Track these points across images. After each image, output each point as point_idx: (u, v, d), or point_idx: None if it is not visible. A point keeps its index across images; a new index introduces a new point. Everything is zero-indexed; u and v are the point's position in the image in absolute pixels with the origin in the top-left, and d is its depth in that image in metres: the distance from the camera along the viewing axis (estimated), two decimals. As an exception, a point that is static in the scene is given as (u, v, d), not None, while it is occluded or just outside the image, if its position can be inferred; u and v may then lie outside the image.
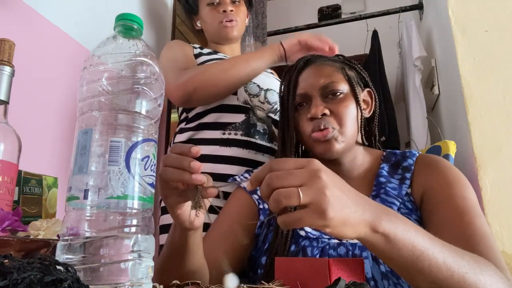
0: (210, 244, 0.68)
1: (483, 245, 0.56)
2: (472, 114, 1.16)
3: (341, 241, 0.65)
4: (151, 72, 0.42)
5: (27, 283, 0.25)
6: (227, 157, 0.96)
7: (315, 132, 0.70)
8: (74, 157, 0.39)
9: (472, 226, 0.58)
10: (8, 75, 0.56)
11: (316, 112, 0.70)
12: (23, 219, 0.57)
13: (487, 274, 0.47)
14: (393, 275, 0.59)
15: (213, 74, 0.93)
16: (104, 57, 0.41)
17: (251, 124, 1.01)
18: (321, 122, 0.70)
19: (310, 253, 0.64)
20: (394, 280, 0.59)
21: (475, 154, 1.12)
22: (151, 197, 0.41)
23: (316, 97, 0.73)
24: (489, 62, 1.19)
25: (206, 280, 0.61)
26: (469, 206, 0.61)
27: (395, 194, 0.68)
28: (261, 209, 0.73)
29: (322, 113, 0.71)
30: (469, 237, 0.57)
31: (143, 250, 0.38)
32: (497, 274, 0.49)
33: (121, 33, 0.43)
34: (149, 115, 0.41)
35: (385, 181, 0.70)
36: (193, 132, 1.02)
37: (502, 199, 1.05)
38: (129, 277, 0.36)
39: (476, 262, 0.48)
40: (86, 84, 0.41)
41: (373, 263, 0.60)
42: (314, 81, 0.74)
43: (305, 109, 0.74)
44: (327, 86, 0.72)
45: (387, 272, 0.59)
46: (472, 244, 0.55)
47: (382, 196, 0.68)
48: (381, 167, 0.73)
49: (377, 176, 0.72)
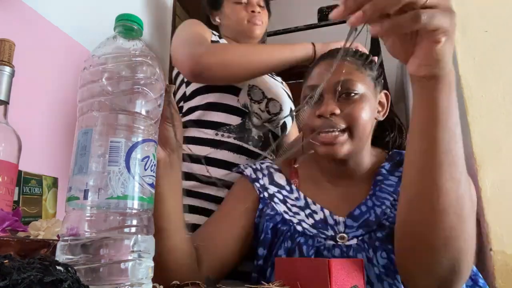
0: (211, 228, 0.69)
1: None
2: (472, 114, 1.16)
3: (336, 242, 0.65)
4: (151, 73, 0.42)
5: (27, 284, 0.25)
6: (218, 160, 0.94)
7: (323, 134, 0.67)
8: (74, 158, 0.39)
9: None
10: (8, 75, 0.56)
11: (326, 111, 0.66)
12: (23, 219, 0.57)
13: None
14: (388, 277, 0.59)
15: (232, 55, 0.90)
16: (104, 57, 0.41)
17: (246, 129, 0.98)
18: (330, 123, 0.66)
19: (306, 252, 0.64)
20: (389, 281, 0.59)
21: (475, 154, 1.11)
22: (151, 197, 0.41)
23: (329, 93, 0.68)
24: (489, 62, 1.19)
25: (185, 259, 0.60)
26: None
27: (390, 190, 0.68)
28: (261, 198, 0.74)
29: (332, 112, 0.67)
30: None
31: (143, 250, 0.38)
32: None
33: (121, 33, 0.43)
34: (149, 115, 0.41)
35: (382, 178, 0.70)
36: (185, 130, 0.99)
37: (502, 199, 1.05)
38: (129, 277, 0.36)
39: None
40: (86, 84, 0.41)
41: (368, 265, 0.61)
42: (332, 75, 0.69)
43: (316, 104, 0.70)
44: (343, 84, 0.68)
45: (382, 273, 0.59)
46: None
47: (377, 194, 0.68)
48: (381, 166, 0.73)
49: (376, 174, 0.72)
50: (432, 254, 0.51)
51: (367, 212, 0.66)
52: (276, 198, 0.73)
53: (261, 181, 0.75)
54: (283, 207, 0.71)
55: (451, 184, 0.48)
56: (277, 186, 0.75)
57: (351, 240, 0.64)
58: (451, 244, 0.50)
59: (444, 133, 0.47)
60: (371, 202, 0.67)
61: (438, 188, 0.48)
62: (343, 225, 0.66)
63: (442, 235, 0.49)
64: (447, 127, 0.47)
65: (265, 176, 0.76)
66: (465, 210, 0.50)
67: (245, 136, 0.97)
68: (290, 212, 0.71)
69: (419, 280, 0.53)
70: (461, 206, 0.49)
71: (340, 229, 0.66)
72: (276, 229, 0.69)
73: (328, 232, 0.66)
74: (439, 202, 0.49)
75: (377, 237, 0.62)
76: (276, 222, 0.70)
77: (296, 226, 0.68)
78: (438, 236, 0.49)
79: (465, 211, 0.50)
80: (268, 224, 0.70)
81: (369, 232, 0.64)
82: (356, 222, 0.66)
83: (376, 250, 0.61)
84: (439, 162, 0.48)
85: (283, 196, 0.73)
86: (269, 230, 0.69)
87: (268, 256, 0.68)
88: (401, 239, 0.55)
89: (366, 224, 0.65)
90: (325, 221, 0.68)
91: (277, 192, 0.74)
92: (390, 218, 0.64)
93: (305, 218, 0.69)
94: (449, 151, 0.48)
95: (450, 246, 0.50)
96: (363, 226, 0.65)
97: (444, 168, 0.48)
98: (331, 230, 0.66)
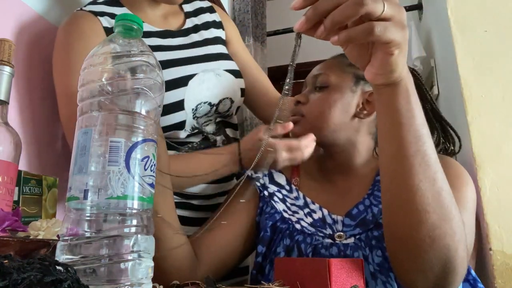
0: (212, 227, 0.69)
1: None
2: (471, 114, 1.16)
3: (334, 241, 0.65)
4: (151, 73, 0.42)
5: (27, 284, 0.25)
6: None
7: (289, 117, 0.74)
8: (74, 157, 0.39)
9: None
10: (8, 75, 0.56)
11: (297, 98, 0.75)
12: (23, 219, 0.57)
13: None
14: (382, 274, 0.60)
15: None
16: (104, 57, 0.41)
17: (211, 142, 0.87)
18: (295, 109, 0.75)
19: (304, 250, 0.65)
20: (383, 279, 0.59)
21: (474, 154, 1.11)
22: (150, 197, 0.41)
23: (308, 85, 0.77)
24: (488, 62, 1.19)
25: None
26: (458, 198, 0.61)
27: None
28: (262, 196, 0.75)
29: (297, 100, 0.75)
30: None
31: (143, 250, 0.38)
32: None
33: (121, 33, 0.43)
34: (149, 115, 0.41)
35: None
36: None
37: (501, 199, 1.05)
38: (129, 277, 0.36)
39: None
40: (86, 84, 0.41)
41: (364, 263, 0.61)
42: (313, 70, 0.78)
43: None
44: (316, 77, 0.75)
45: (376, 271, 0.60)
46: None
47: (375, 193, 0.69)
48: None
49: (377, 174, 0.72)
50: (420, 255, 0.51)
51: (364, 211, 0.67)
52: (276, 197, 0.74)
53: (261, 180, 0.76)
54: (282, 206, 0.72)
55: (425, 184, 0.49)
56: (277, 186, 0.76)
57: (349, 239, 0.65)
58: (437, 243, 0.50)
59: (409, 135, 0.49)
60: (369, 201, 0.68)
61: (412, 190, 0.49)
62: (341, 224, 0.67)
63: (426, 235, 0.50)
64: (411, 129, 0.49)
65: (265, 175, 0.77)
66: (445, 207, 0.50)
67: (211, 146, 0.86)
68: (289, 211, 0.71)
69: (415, 280, 0.53)
70: (440, 204, 0.50)
71: (338, 228, 0.67)
72: (275, 227, 0.70)
73: (326, 230, 0.67)
74: (416, 203, 0.49)
75: (374, 236, 0.63)
76: (275, 220, 0.71)
77: (295, 225, 0.69)
78: (422, 236, 0.50)
79: (446, 208, 0.50)
80: (267, 222, 0.71)
81: (366, 231, 0.64)
82: (353, 221, 0.66)
83: (372, 249, 0.62)
84: (409, 164, 0.49)
85: (282, 195, 0.74)
86: (268, 228, 0.70)
87: (267, 253, 0.69)
88: (388, 241, 0.56)
89: (363, 223, 0.65)
90: (323, 220, 0.68)
91: (276, 191, 0.75)
92: None
93: (304, 216, 0.70)
94: (417, 152, 0.49)
95: (437, 245, 0.50)
96: (360, 225, 0.65)
97: (415, 170, 0.49)
98: (329, 228, 0.67)
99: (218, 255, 0.68)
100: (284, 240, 0.68)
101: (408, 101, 0.48)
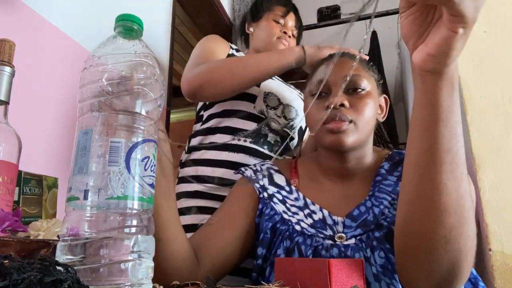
0: (212, 228, 0.69)
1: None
2: (471, 115, 1.16)
3: (334, 242, 0.65)
4: (151, 73, 0.42)
5: (27, 284, 0.25)
6: (233, 162, 0.98)
7: (331, 122, 0.69)
8: (74, 158, 0.39)
9: None
10: (8, 75, 0.56)
11: (335, 101, 0.68)
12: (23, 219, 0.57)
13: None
14: (386, 276, 0.59)
15: (219, 73, 0.94)
16: (104, 57, 0.41)
17: (262, 134, 1.03)
18: (338, 113, 0.68)
19: (304, 252, 0.65)
20: (386, 281, 0.59)
21: (474, 154, 1.12)
22: (151, 198, 0.41)
23: (337, 86, 0.71)
24: (488, 63, 1.19)
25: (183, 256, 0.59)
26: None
27: (389, 190, 0.68)
28: (261, 198, 0.74)
29: (341, 103, 0.69)
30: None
31: (143, 250, 0.38)
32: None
33: (121, 33, 0.43)
34: (149, 115, 0.41)
35: (381, 179, 0.71)
36: (204, 137, 1.05)
37: (501, 200, 1.05)
38: (129, 277, 0.36)
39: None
40: (86, 84, 0.41)
41: (366, 264, 0.61)
42: (339, 71, 0.72)
43: (322, 98, 0.73)
44: (352, 78, 0.71)
45: (379, 273, 0.60)
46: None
47: (376, 194, 0.69)
48: (381, 166, 0.73)
49: (376, 175, 0.72)
50: (432, 255, 0.50)
51: (365, 212, 0.66)
52: (276, 198, 0.73)
53: (261, 182, 0.76)
54: (282, 207, 0.72)
55: (452, 183, 0.48)
56: (277, 187, 0.75)
57: (349, 240, 0.64)
58: (451, 245, 0.49)
59: (445, 131, 0.46)
60: (370, 203, 0.68)
61: (438, 188, 0.48)
62: (342, 225, 0.67)
63: (442, 235, 0.49)
64: (448, 125, 0.46)
65: (265, 177, 0.77)
66: (466, 210, 0.49)
67: (261, 141, 1.02)
68: (289, 212, 0.71)
69: (419, 281, 0.53)
70: (461, 206, 0.49)
71: (338, 229, 0.66)
72: (275, 228, 0.70)
73: (327, 232, 0.67)
74: (440, 202, 0.48)
75: (375, 237, 0.63)
76: (275, 222, 0.70)
77: (294, 226, 0.68)
78: (438, 236, 0.49)
79: (466, 211, 0.49)
80: (267, 223, 0.70)
81: (367, 232, 0.64)
82: (354, 222, 0.66)
83: (373, 250, 0.61)
84: (440, 161, 0.47)
85: (282, 196, 0.74)
86: (268, 230, 0.70)
87: (267, 255, 0.69)
88: (401, 239, 0.55)
89: (364, 224, 0.65)
90: (324, 221, 0.68)
91: (276, 193, 0.74)
92: (388, 218, 0.64)
93: (304, 218, 0.69)
94: (450, 150, 0.47)
95: (450, 246, 0.49)
96: (361, 226, 0.65)
97: (445, 167, 0.47)
98: (329, 230, 0.67)
99: (217, 256, 0.67)
100: (284, 242, 0.67)
101: (450, 95, 0.45)
